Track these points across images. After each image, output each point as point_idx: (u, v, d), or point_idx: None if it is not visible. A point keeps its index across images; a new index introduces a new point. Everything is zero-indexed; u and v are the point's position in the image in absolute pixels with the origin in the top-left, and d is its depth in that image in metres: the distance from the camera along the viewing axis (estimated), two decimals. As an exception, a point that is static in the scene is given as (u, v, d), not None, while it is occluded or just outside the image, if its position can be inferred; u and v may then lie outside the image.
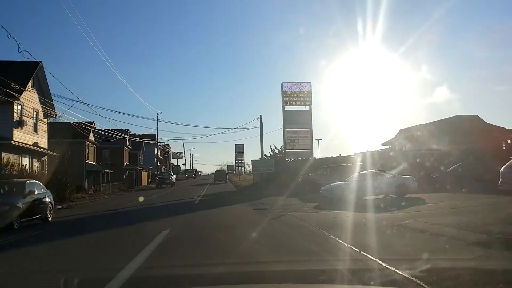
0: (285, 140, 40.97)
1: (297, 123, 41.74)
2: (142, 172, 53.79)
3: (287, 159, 41.14)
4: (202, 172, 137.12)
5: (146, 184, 56.94)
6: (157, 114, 64.95)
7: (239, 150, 70.54)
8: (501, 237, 7.22)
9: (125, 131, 48.36)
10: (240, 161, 77.25)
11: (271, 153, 43.32)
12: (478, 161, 23.46)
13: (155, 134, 68.90)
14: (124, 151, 50.49)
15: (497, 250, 6.61)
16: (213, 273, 5.75)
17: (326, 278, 5.23)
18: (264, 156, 43.04)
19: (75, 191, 26.23)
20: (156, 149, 67.74)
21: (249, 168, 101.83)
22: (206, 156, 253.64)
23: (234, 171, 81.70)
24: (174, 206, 20.89)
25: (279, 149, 41.90)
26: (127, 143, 51.18)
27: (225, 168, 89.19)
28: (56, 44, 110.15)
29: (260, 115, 43.05)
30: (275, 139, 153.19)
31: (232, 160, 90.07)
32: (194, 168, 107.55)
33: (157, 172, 51.14)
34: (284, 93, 41.75)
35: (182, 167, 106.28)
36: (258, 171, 38.70)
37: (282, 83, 42.23)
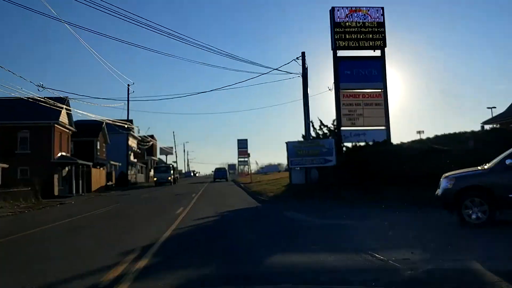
0: (340, 110, 22.37)
1: (361, 80, 23.53)
2: (94, 169, 33.77)
3: (343, 144, 22.11)
4: (199, 172, 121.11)
5: (103, 186, 36.63)
6: (128, 85, 46.00)
7: (242, 146, 59.87)
8: None
9: (62, 99, 28.46)
10: (243, 159, 63.82)
11: (313, 133, 23.83)
12: None
13: (131, 120, 50.00)
14: (57, 134, 29.67)
15: None
16: None
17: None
18: (303, 136, 23.82)
19: None
20: (127, 137, 48.31)
21: (257, 166, 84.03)
22: (207, 154, 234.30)
23: (237, 171, 66.46)
24: None
25: (330, 126, 22.86)
26: (66, 120, 31.35)
27: (226, 167, 72.61)
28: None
29: (303, 52, 24.11)
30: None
31: (233, 159, 77.12)
32: (170, 163, 65.77)
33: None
34: (336, 25, 23.63)
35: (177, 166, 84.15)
36: (299, 163, 19.35)
37: (333, 7, 23.68)
